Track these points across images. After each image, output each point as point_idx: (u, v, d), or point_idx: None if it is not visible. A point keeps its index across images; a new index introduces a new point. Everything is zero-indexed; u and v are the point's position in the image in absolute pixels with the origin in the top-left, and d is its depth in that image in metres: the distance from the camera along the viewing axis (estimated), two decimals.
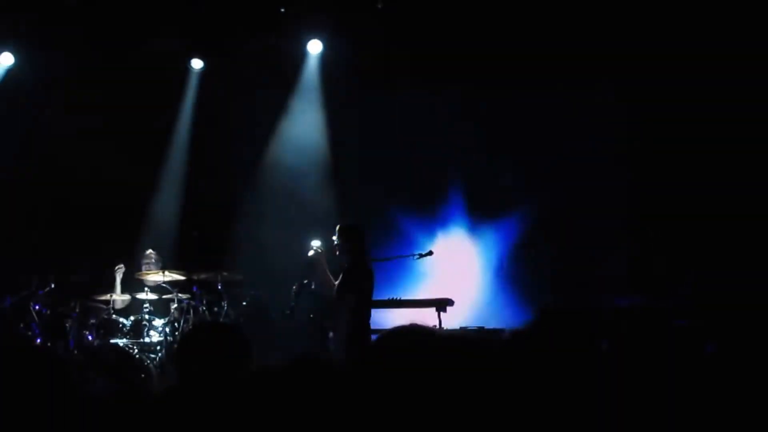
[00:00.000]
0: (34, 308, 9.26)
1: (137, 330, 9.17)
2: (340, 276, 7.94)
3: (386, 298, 8.81)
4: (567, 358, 1.69)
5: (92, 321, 9.27)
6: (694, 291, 8.60)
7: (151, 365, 8.91)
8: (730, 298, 9.00)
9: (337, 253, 8.02)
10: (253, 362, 2.83)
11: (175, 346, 8.72)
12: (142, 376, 8.78)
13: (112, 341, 9.05)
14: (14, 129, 11.54)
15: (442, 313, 8.60)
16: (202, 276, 9.67)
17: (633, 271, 9.15)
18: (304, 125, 11.80)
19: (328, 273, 8.15)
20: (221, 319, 9.36)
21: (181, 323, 9.24)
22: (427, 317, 8.42)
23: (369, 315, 7.86)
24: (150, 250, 10.05)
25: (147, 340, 9.15)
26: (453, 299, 8.82)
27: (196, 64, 11.63)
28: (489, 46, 10.69)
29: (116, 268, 9.86)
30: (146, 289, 9.61)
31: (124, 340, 9.07)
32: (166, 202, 11.74)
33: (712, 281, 8.87)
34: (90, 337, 9.16)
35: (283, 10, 10.97)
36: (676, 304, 8.60)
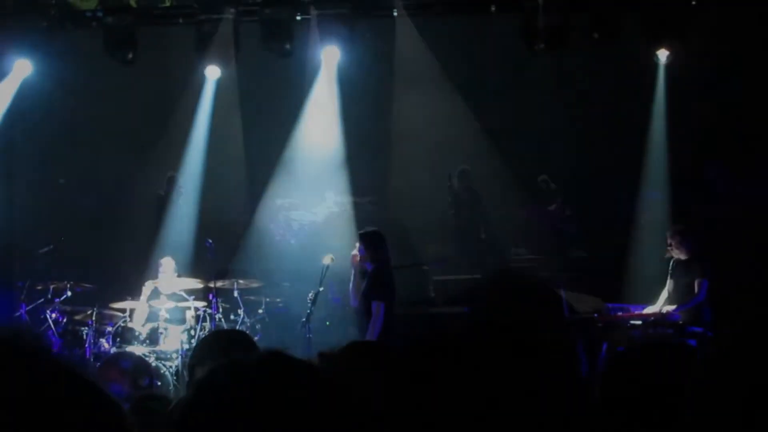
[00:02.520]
0: (51, 316, 9.28)
1: (153, 338, 9.15)
2: (365, 282, 7.97)
3: None
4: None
5: (108, 329, 9.26)
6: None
7: (167, 373, 8.90)
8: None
9: (358, 260, 8.06)
10: None
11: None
12: (159, 383, 8.77)
13: (128, 349, 9.04)
14: (32, 136, 11.61)
15: None
16: (219, 284, 9.66)
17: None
18: (321, 132, 11.80)
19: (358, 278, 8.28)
20: (237, 327, 9.34)
21: (198, 331, 9.22)
22: None
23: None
24: (166, 258, 10.04)
25: (163, 347, 9.14)
26: None
27: (212, 72, 11.63)
28: None
29: (146, 283, 9.78)
30: (162, 296, 9.60)
31: (141, 348, 9.06)
32: (183, 209, 11.75)
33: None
34: (106, 345, 9.17)
35: (299, 17, 10.99)
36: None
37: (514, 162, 11.74)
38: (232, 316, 9.65)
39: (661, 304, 8.79)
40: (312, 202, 12.10)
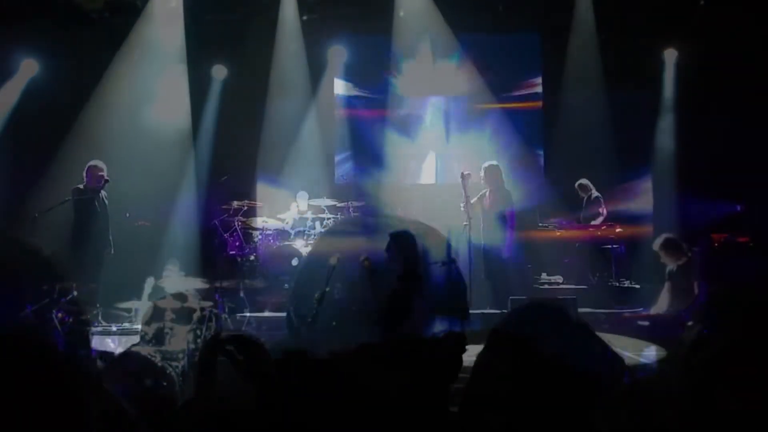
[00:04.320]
0: (57, 316, 9.28)
1: (159, 338, 9.15)
2: (402, 283, 7.92)
3: None
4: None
5: (114, 329, 9.28)
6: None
7: (173, 373, 8.89)
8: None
9: (391, 260, 8.00)
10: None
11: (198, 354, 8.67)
12: (165, 383, 8.76)
13: (133, 349, 9.04)
14: (38, 135, 11.63)
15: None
16: (224, 284, 9.66)
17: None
18: (326, 132, 11.81)
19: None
20: (243, 327, 9.35)
21: (204, 331, 9.21)
22: None
23: None
24: (172, 258, 10.05)
25: (169, 348, 9.13)
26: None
27: (219, 71, 11.65)
28: None
29: (147, 280, 9.80)
30: (168, 296, 9.60)
31: (146, 348, 9.06)
32: (189, 209, 11.75)
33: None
34: (112, 345, 9.18)
35: (305, 18, 11.01)
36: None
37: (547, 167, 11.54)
38: (238, 316, 9.66)
39: (664, 306, 8.77)
40: (281, 205, 11.25)
